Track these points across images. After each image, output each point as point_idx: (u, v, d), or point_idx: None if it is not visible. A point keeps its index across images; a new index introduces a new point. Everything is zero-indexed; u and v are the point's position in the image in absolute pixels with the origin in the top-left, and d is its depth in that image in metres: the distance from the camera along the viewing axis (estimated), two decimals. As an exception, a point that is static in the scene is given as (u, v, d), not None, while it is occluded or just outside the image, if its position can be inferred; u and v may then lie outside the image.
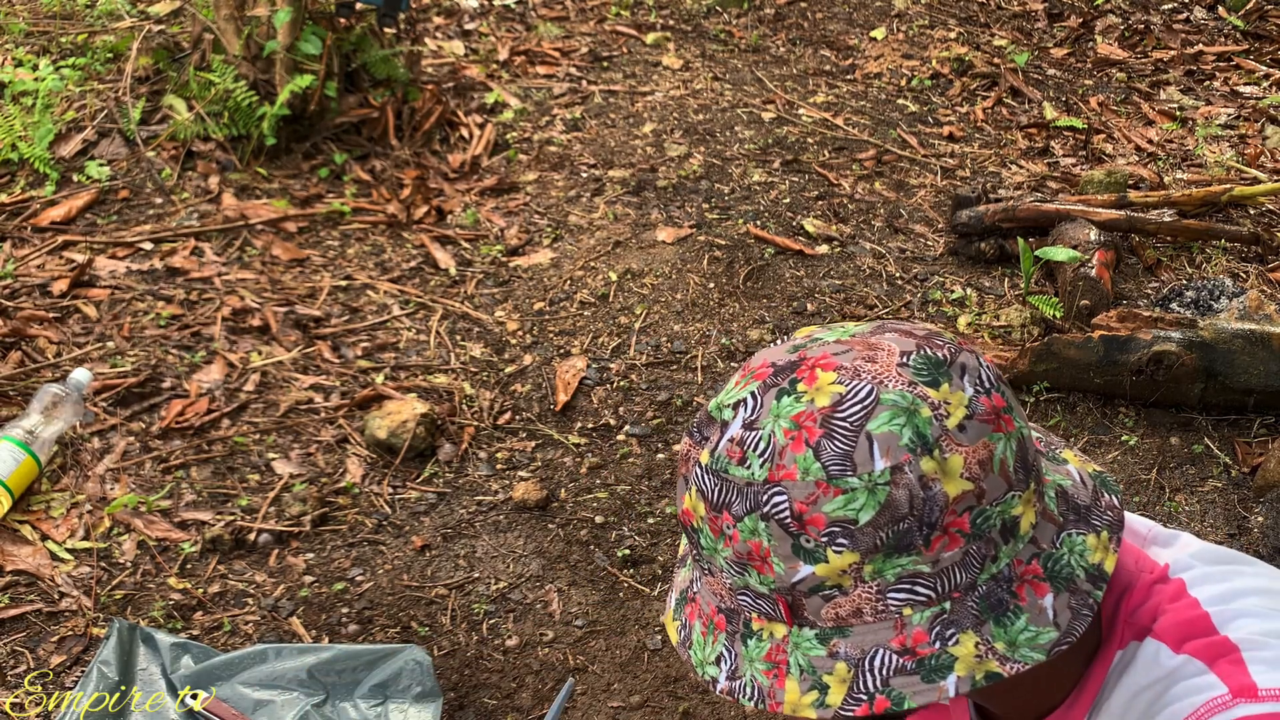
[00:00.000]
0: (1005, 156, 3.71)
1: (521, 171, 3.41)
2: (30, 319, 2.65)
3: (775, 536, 0.80)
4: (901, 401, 0.80)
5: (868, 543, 0.78)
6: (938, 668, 0.80)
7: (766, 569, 0.81)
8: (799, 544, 0.80)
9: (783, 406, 0.81)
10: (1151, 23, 4.69)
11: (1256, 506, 2.40)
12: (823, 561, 0.79)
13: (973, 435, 0.80)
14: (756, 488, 0.80)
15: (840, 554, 0.79)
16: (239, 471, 2.37)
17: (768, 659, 0.84)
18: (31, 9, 3.88)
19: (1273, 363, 2.59)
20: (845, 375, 0.81)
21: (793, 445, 0.80)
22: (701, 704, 2.01)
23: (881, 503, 0.78)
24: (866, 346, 0.84)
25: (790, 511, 0.79)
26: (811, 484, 0.79)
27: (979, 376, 0.83)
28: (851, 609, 0.81)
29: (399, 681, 1.92)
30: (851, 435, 0.79)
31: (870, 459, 0.78)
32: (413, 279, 2.96)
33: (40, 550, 2.15)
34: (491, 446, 2.50)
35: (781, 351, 0.86)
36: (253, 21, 3.20)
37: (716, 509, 0.83)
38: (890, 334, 0.85)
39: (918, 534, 0.79)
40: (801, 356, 0.84)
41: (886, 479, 0.78)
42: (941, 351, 0.83)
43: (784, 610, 0.83)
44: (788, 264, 3.10)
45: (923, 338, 0.85)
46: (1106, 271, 2.97)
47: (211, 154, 3.22)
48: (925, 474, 0.78)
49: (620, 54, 4.12)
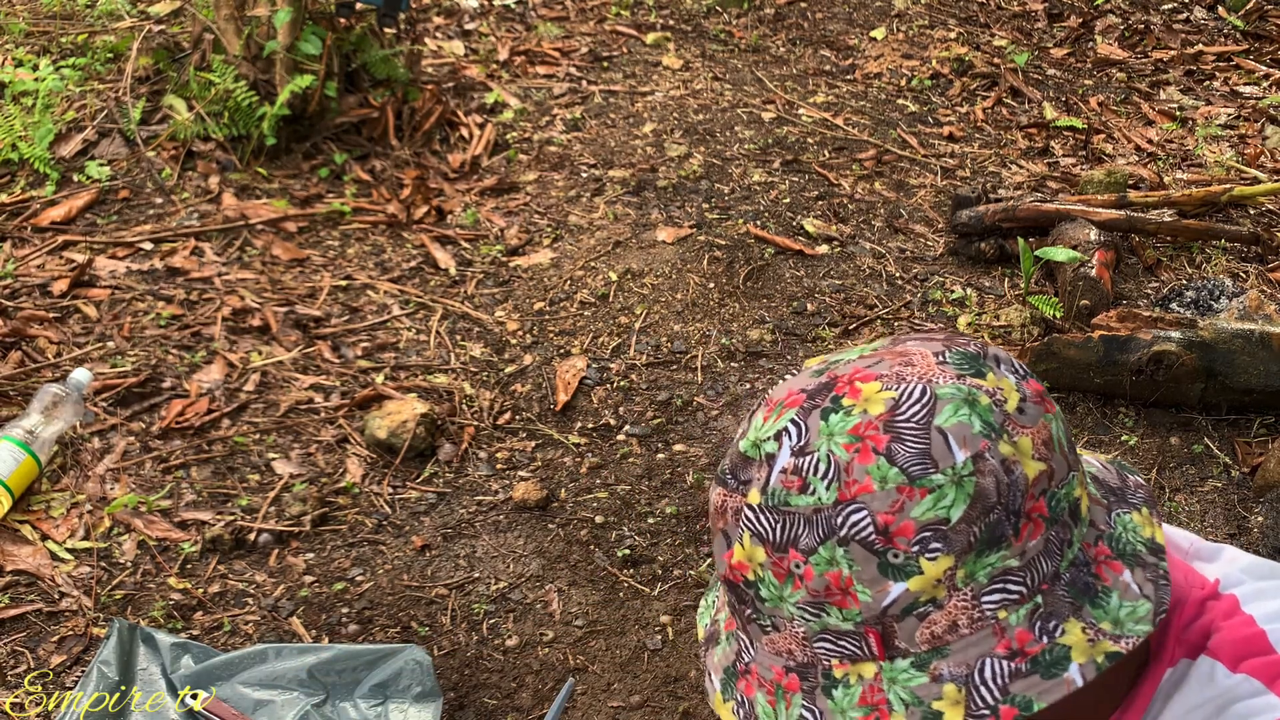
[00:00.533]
0: (1005, 156, 3.72)
1: (521, 171, 3.41)
2: (30, 319, 2.65)
3: (858, 560, 0.75)
4: (959, 394, 0.77)
5: (961, 542, 0.74)
6: (1055, 661, 0.76)
7: (850, 601, 0.76)
8: (886, 561, 0.75)
9: (833, 424, 0.77)
10: (1151, 23, 4.69)
11: (1256, 506, 2.40)
12: (916, 574, 0.75)
13: (1032, 416, 0.79)
14: (827, 512, 0.75)
15: (935, 560, 0.74)
16: (239, 471, 2.37)
17: (863, 703, 0.78)
18: (32, 9, 3.88)
19: (1273, 363, 2.59)
20: (890, 382, 0.78)
21: (859, 458, 0.75)
22: (701, 704, 2.02)
23: (971, 495, 0.74)
24: (896, 355, 0.81)
25: (874, 526, 0.74)
26: (893, 491, 0.74)
27: (1013, 365, 0.82)
28: (947, 624, 0.76)
29: (399, 681, 1.92)
30: (921, 433, 0.75)
31: (949, 452, 0.75)
32: (413, 279, 2.96)
33: (40, 550, 2.15)
34: (491, 446, 2.50)
35: (804, 379, 0.82)
36: (253, 21, 3.20)
37: (780, 549, 0.77)
38: (912, 341, 0.83)
39: (1007, 523, 0.75)
40: (832, 376, 0.81)
41: (971, 469, 0.74)
42: (971, 346, 0.82)
43: (876, 643, 0.77)
44: (788, 264, 3.10)
45: (946, 338, 0.83)
46: (1106, 271, 2.97)
47: (212, 154, 3.22)
48: (1006, 458, 0.75)
49: (620, 54, 4.12)
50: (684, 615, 2.17)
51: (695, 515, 2.37)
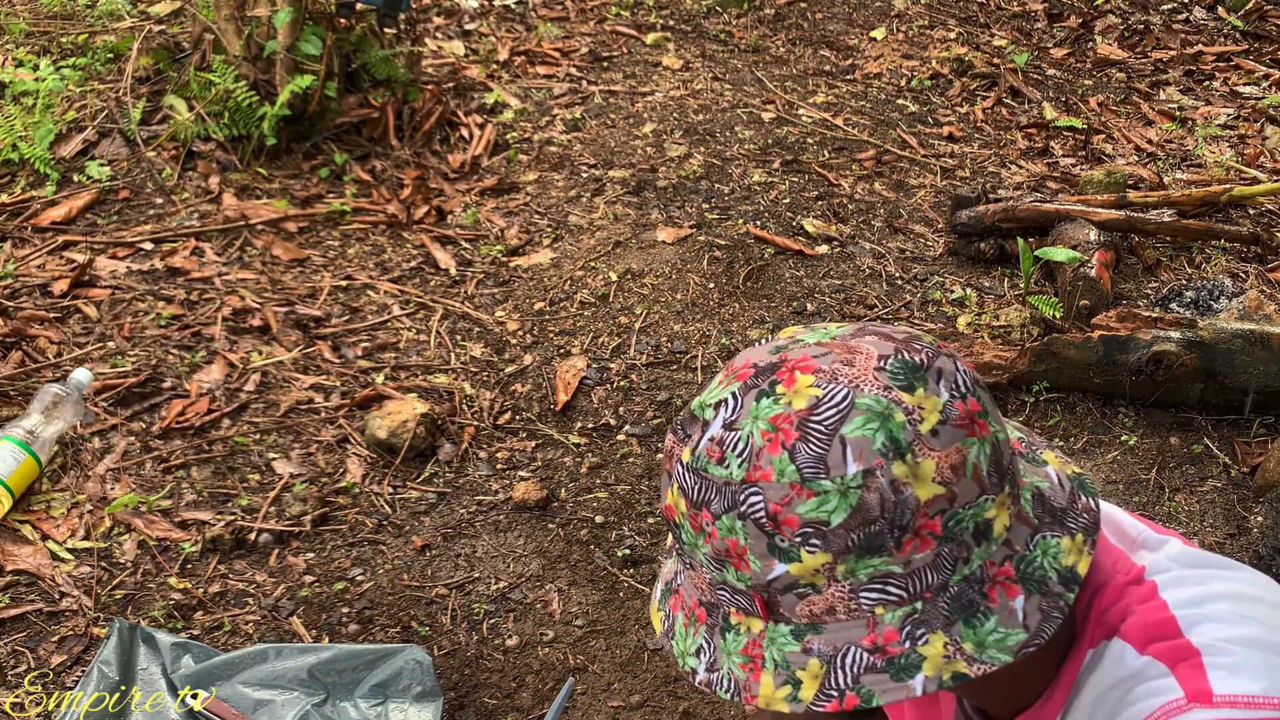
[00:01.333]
0: (1005, 157, 3.72)
1: (521, 171, 3.41)
2: (31, 319, 2.65)
3: (751, 535, 0.82)
4: (876, 406, 0.81)
5: (839, 544, 0.80)
6: (906, 666, 0.81)
7: (743, 566, 0.83)
8: (774, 543, 0.81)
9: (761, 408, 0.83)
10: (1151, 23, 4.69)
11: (1256, 506, 2.41)
12: (796, 561, 0.81)
13: (946, 440, 0.82)
14: (734, 487, 0.82)
15: (813, 554, 0.81)
16: (239, 471, 2.38)
17: (744, 653, 0.86)
18: (32, 9, 3.88)
19: (1272, 363, 2.59)
20: (823, 379, 0.83)
21: (769, 447, 0.81)
22: (701, 704, 2.02)
23: (853, 505, 0.79)
24: (845, 349, 0.85)
25: (765, 512, 0.81)
26: (786, 485, 0.80)
27: (955, 381, 0.85)
28: (825, 607, 0.82)
29: (399, 681, 1.92)
30: (826, 439, 0.80)
31: (843, 462, 0.80)
32: (413, 279, 2.96)
33: (41, 550, 2.16)
34: (492, 446, 2.50)
35: (764, 352, 0.88)
36: (253, 22, 3.20)
37: (696, 506, 0.84)
38: (870, 336, 0.86)
39: (889, 536, 0.80)
40: (782, 358, 0.86)
41: (859, 482, 0.79)
42: (919, 355, 0.84)
43: (760, 606, 0.84)
44: (788, 264, 3.10)
45: (902, 341, 0.86)
46: (1106, 271, 2.97)
47: (212, 154, 3.22)
48: (897, 478, 0.80)
49: (620, 54, 4.12)
50: (684, 615, 2.17)
51: (695, 515, 2.37)
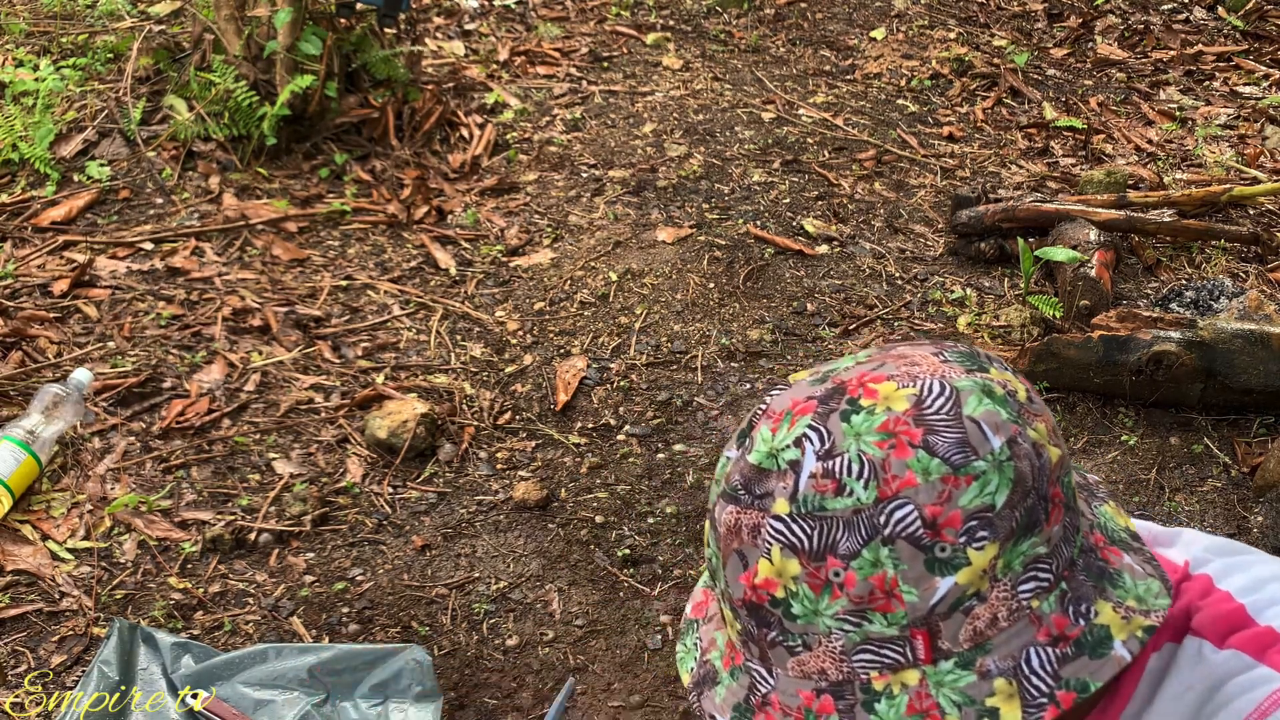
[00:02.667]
0: (1005, 157, 3.72)
1: (522, 172, 3.41)
2: (31, 319, 2.65)
3: (904, 558, 0.73)
4: (976, 385, 0.77)
5: (1005, 528, 0.74)
6: (1098, 641, 0.76)
7: (895, 604, 0.74)
8: (933, 555, 0.73)
9: (858, 424, 0.76)
10: (1151, 23, 4.69)
11: (1256, 506, 2.41)
12: (964, 565, 0.74)
13: (1039, 406, 0.80)
14: (868, 511, 0.73)
15: (982, 549, 0.74)
16: (239, 471, 2.38)
17: (911, 711, 0.75)
18: (32, 9, 3.88)
19: (1272, 363, 2.59)
20: (903, 380, 0.77)
21: (896, 453, 0.74)
22: (701, 703, 2.02)
23: (1013, 479, 0.74)
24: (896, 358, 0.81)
25: (921, 520, 0.73)
26: (937, 481, 0.73)
27: (1001, 362, 0.83)
28: (989, 618, 0.75)
29: (399, 681, 1.92)
30: (954, 423, 0.75)
31: (986, 438, 0.75)
32: (413, 279, 2.96)
33: (41, 550, 2.16)
34: (492, 446, 2.50)
35: (805, 388, 0.81)
36: (253, 22, 3.20)
37: (818, 557, 0.74)
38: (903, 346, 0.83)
39: (1040, 508, 0.76)
40: (837, 382, 0.79)
41: (1008, 454, 0.75)
42: (962, 346, 0.83)
43: (924, 645, 0.75)
44: (788, 264, 3.10)
45: (933, 342, 0.84)
46: (1106, 271, 2.97)
47: (212, 154, 3.22)
48: (1036, 441, 0.77)
49: (620, 54, 4.12)
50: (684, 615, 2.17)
51: (695, 515, 2.38)
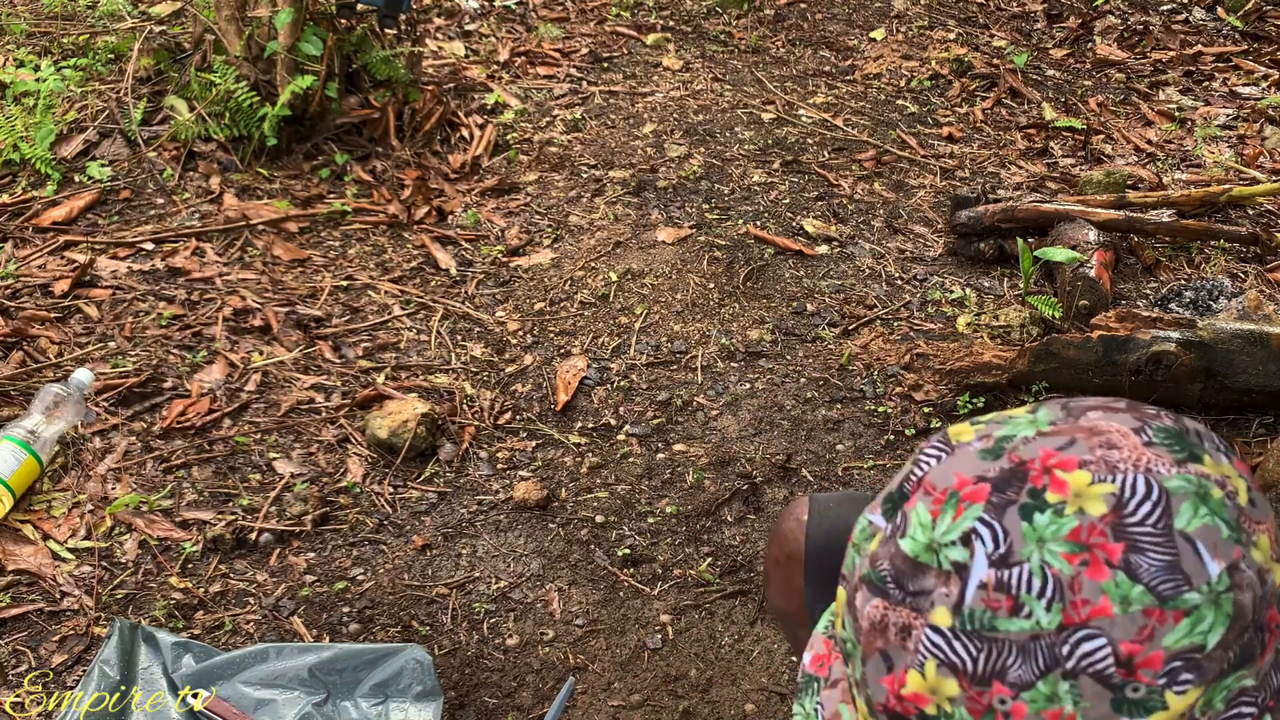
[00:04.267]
0: (1004, 157, 3.72)
1: (522, 172, 3.41)
2: (32, 319, 2.66)
3: (1087, 695, 0.62)
4: (1189, 486, 0.64)
5: (1215, 669, 0.62)
6: None
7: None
8: (1123, 696, 0.62)
9: (1042, 527, 0.63)
10: (1150, 24, 4.70)
11: (1255, 506, 2.41)
12: (1159, 709, 0.62)
13: (1263, 508, 0.67)
14: (1049, 639, 0.62)
15: (1184, 693, 0.62)
16: (240, 471, 2.38)
17: None
18: (33, 10, 3.88)
19: (1271, 363, 2.59)
20: (1099, 470, 0.65)
21: (1089, 571, 0.62)
22: (701, 703, 2.02)
23: (1230, 615, 0.62)
24: (1089, 433, 0.67)
25: (1115, 657, 0.62)
26: (1139, 614, 0.61)
27: (1213, 438, 0.69)
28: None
29: (400, 681, 1.92)
30: (1164, 540, 0.62)
31: (1201, 565, 0.62)
32: (413, 279, 2.96)
33: (42, 550, 2.16)
34: (492, 446, 2.51)
35: (974, 460, 0.68)
36: (254, 22, 3.21)
37: (982, 682, 0.64)
38: (1092, 413, 0.69)
39: (1257, 642, 0.63)
40: (1016, 460, 0.66)
41: (1227, 584, 0.62)
42: (1167, 420, 0.69)
43: None
44: (788, 264, 3.10)
45: (1128, 408, 0.69)
46: (1105, 272, 2.98)
47: (213, 154, 3.23)
48: (1260, 566, 0.64)
49: (620, 55, 4.12)
50: (684, 614, 2.18)
51: (695, 515, 2.38)
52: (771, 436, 2.56)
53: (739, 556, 2.29)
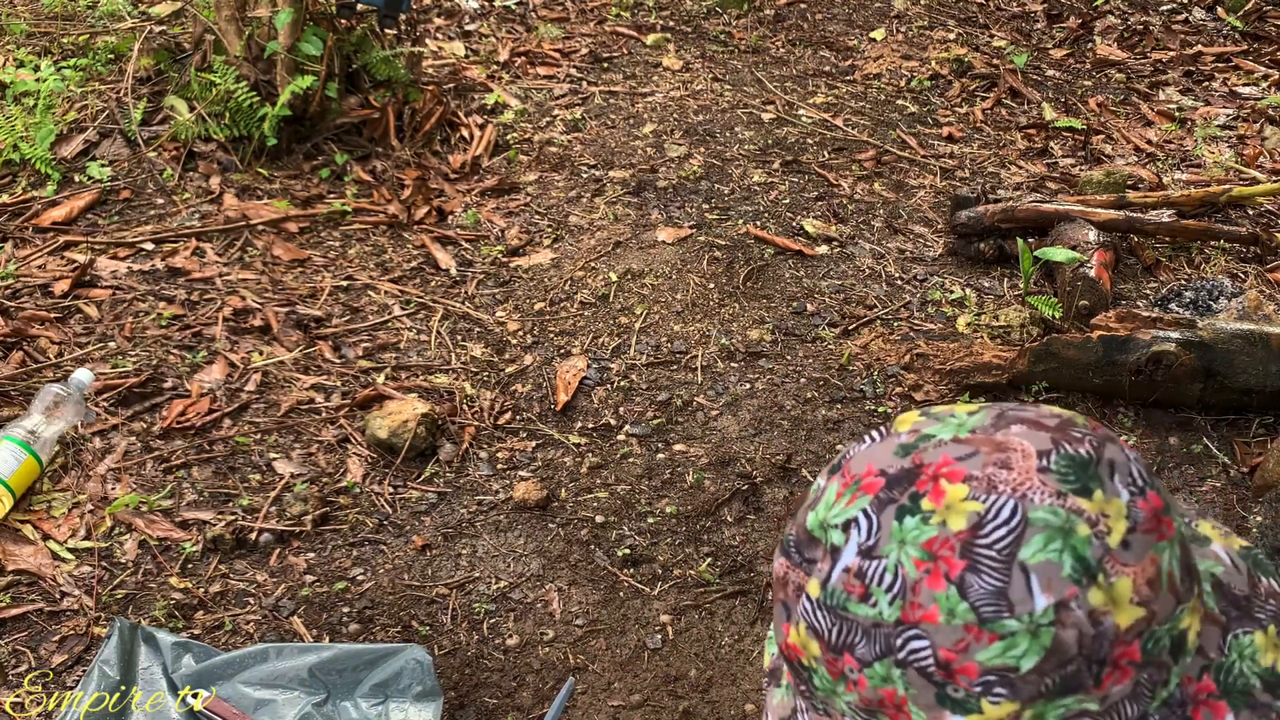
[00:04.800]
0: (1004, 157, 3.72)
1: (522, 172, 3.41)
2: (32, 319, 2.66)
3: (915, 685, 0.69)
4: (1054, 520, 0.67)
5: (1030, 691, 0.67)
6: None
7: (904, 718, 0.71)
8: (945, 693, 0.68)
9: (907, 530, 0.69)
10: (1150, 24, 4.70)
11: (1255, 506, 2.41)
12: (976, 712, 0.68)
13: (1138, 551, 0.68)
14: (887, 630, 0.69)
15: (998, 705, 0.67)
16: (240, 471, 2.38)
17: None
18: (33, 10, 3.88)
19: (1271, 363, 2.59)
20: (978, 488, 0.69)
21: (929, 580, 0.68)
22: (701, 703, 2.02)
23: (1048, 647, 0.66)
24: (994, 447, 0.71)
25: (934, 659, 0.68)
26: (959, 628, 0.67)
27: (1130, 473, 0.71)
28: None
29: (400, 681, 1.92)
30: (1002, 568, 0.66)
31: (1029, 596, 0.66)
32: (413, 279, 2.96)
33: (42, 550, 2.16)
34: (492, 446, 2.51)
35: (888, 454, 0.74)
36: (254, 22, 3.21)
37: (836, 650, 0.71)
38: (1017, 426, 0.73)
39: (1087, 674, 0.67)
40: (916, 462, 0.72)
41: (1050, 618, 0.66)
42: (1084, 447, 0.71)
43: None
44: (788, 264, 3.10)
45: (1056, 429, 0.72)
46: (1105, 272, 2.98)
47: (213, 154, 3.23)
48: (1095, 608, 0.66)
49: (620, 55, 4.12)
50: (684, 614, 2.18)
51: (695, 515, 2.38)
52: (771, 436, 2.56)
53: (739, 556, 2.29)
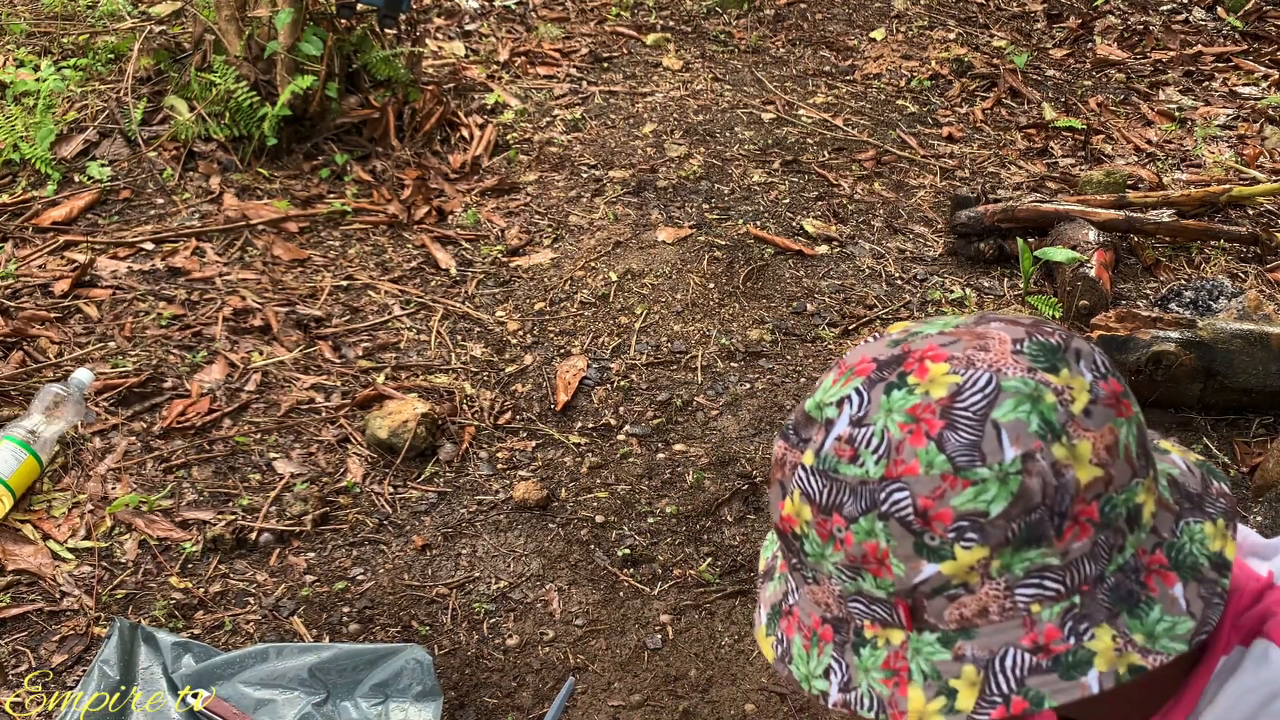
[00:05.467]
0: (1004, 157, 3.72)
1: (522, 172, 3.41)
2: (32, 319, 2.66)
3: (895, 536, 0.76)
4: (1024, 388, 0.76)
5: (998, 536, 0.75)
6: (1076, 664, 0.76)
7: (884, 571, 0.78)
8: (922, 542, 0.76)
9: (894, 400, 0.78)
10: (1150, 24, 4.70)
11: (1255, 506, 2.41)
12: (949, 559, 0.76)
13: (1098, 420, 0.77)
14: (872, 485, 0.77)
15: (969, 549, 0.75)
16: (240, 471, 2.38)
17: (885, 667, 0.80)
18: (33, 10, 3.89)
19: (1271, 363, 2.59)
20: (959, 365, 0.78)
21: (911, 439, 0.76)
22: (701, 703, 2.02)
23: (1014, 493, 0.74)
24: (974, 336, 0.80)
25: (913, 508, 0.76)
26: (936, 477, 0.75)
27: (1094, 361, 0.81)
28: (977, 608, 0.77)
29: (399, 681, 1.92)
30: (976, 424, 0.75)
31: (999, 448, 0.75)
32: (413, 279, 2.96)
33: (42, 550, 2.16)
34: (492, 446, 2.51)
35: (880, 347, 0.83)
36: (254, 22, 3.21)
37: (826, 511, 0.79)
38: (996, 323, 0.82)
39: (1049, 524, 0.75)
40: (905, 350, 0.81)
41: (1018, 467, 0.74)
42: (1054, 338, 0.81)
43: (904, 614, 0.79)
44: (787, 264, 3.10)
45: (1031, 325, 0.82)
46: (1105, 272, 2.98)
47: (213, 154, 3.23)
48: (1058, 460, 0.75)
49: (620, 55, 4.12)
50: (684, 614, 2.18)
51: (695, 515, 2.38)
52: (772, 436, 2.56)
53: (739, 556, 2.29)
